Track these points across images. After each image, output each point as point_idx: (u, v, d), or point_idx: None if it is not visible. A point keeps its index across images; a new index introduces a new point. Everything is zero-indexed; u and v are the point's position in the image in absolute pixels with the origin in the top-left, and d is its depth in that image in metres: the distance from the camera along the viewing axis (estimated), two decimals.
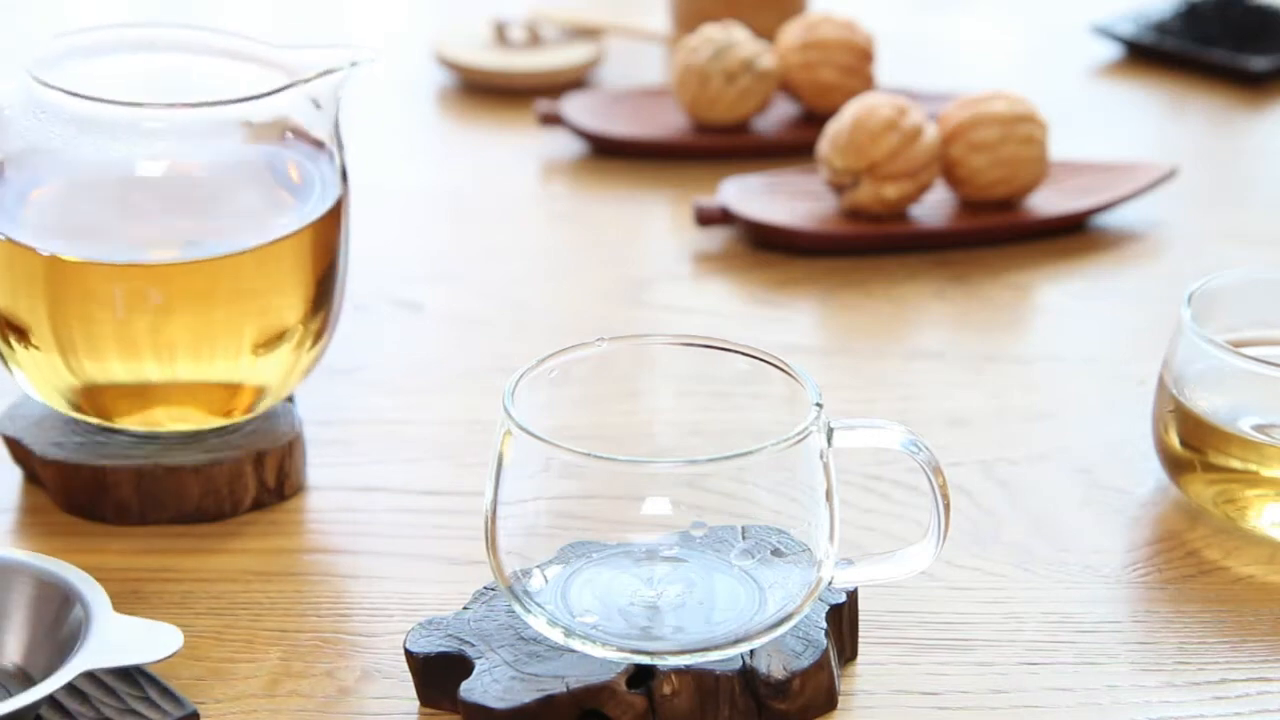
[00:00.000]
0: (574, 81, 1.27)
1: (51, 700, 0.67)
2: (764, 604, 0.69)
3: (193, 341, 0.78)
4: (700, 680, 0.67)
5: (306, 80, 0.78)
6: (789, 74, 1.19)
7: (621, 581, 0.70)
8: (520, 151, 1.19)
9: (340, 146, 0.81)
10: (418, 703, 0.70)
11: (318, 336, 0.82)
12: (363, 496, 0.83)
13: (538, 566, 0.69)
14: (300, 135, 0.80)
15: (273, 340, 0.80)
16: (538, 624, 0.68)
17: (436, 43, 1.29)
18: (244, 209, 0.79)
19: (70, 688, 0.67)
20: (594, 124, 1.18)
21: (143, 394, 0.80)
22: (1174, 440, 0.80)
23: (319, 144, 0.80)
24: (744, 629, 0.67)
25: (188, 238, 0.79)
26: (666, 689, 0.67)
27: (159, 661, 0.65)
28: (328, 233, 0.80)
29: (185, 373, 0.79)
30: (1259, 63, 1.28)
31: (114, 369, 0.78)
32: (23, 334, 0.78)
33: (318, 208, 0.80)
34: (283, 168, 0.80)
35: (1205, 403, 0.79)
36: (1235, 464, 0.79)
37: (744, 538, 0.71)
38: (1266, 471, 0.78)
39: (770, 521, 0.70)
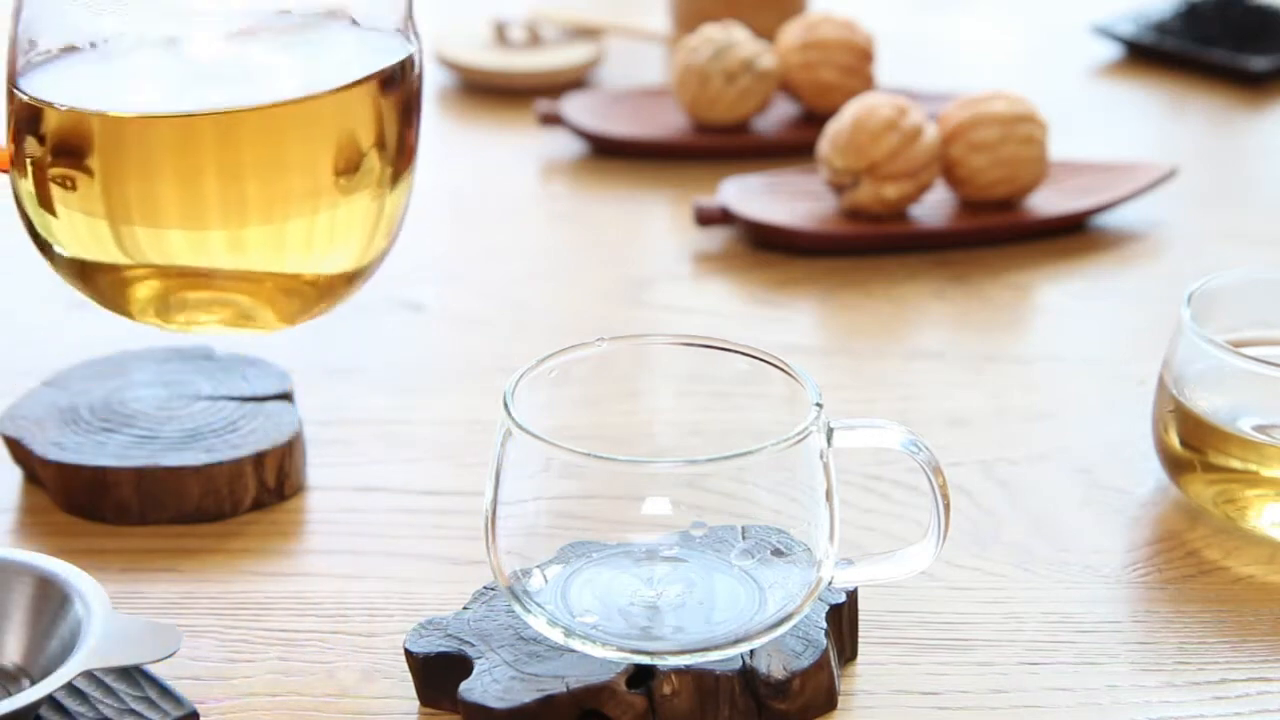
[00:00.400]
0: (574, 81, 1.27)
1: (51, 700, 0.67)
2: (764, 604, 0.69)
3: (265, 179, 0.76)
4: (700, 680, 0.67)
5: None
6: (789, 74, 1.19)
7: (621, 581, 0.70)
8: (520, 151, 1.19)
9: (416, 36, 0.80)
10: (418, 703, 0.70)
11: (395, 179, 0.79)
12: (363, 496, 0.83)
13: (538, 566, 0.69)
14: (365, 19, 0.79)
15: (350, 169, 0.77)
16: (538, 624, 0.68)
17: (436, 42, 1.29)
18: (309, 66, 0.79)
19: (70, 687, 0.67)
20: (594, 124, 1.18)
21: (206, 278, 0.78)
22: (1174, 440, 0.80)
23: (388, 28, 0.79)
24: (744, 629, 0.67)
25: (249, 89, 0.78)
26: (666, 689, 0.67)
27: (159, 661, 0.65)
28: (404, 88, 0.79)
29: (254, 235, 0.77)
30: (1259, 63, 1.28)
31: (174, 236, 0.76)
32: (71, 194, 0.76)
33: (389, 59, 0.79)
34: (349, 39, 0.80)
35: (1205, 403, 0.79)
36: (1235, 464, 0.79)
37: (744, 538, 0.71)
38: (1266, 471, 0.78)
39: (770, 521, 0.70)
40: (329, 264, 0.80)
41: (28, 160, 0.77)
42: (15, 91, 0.76)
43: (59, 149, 0.76)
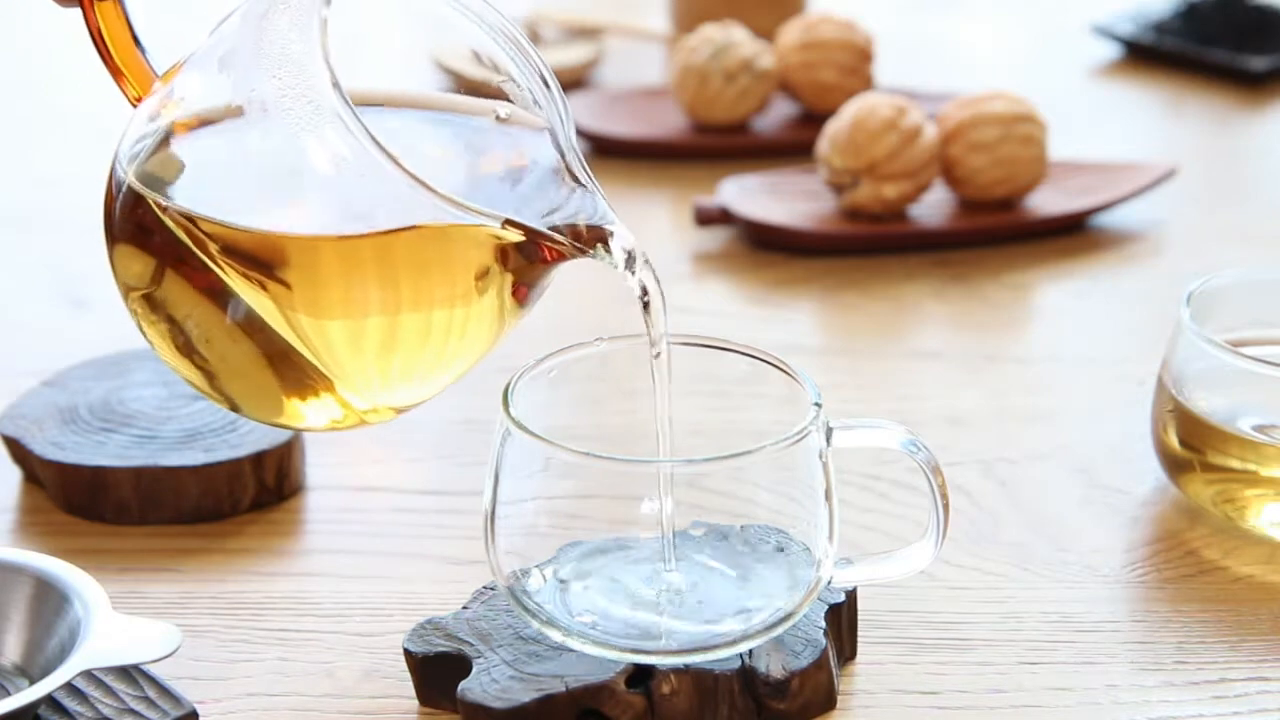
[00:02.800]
0: (574, 81, 1.27)
1: (51, 699, 0.67)
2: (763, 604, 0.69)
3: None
4: (699, 680, 0.67)
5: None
6: (788, 74, 1.19)
7: (621, 581, 0.70)
8: None
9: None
10: (417, 702, 0.70)
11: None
12: (362, 496, 0.83)
13: (537, 566, 0.69)
14: None
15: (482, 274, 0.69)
16: (537, 623, 0.68)
17: (433, 46, 1.29)
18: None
19: (69, 687, 0.67)
20: (594, 124, 1.18)
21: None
22: (1173, 440, 0.80)
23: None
24: (743, 629, 0.67)
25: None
26: (665, 689, 0.67)
27: (158, 661, 0.65)
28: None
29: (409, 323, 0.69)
30: (1259, 63, 1.28)
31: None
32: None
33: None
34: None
35: (1204, 402, 0.79)
36: (1234, 464, 0.79)
37: (744, 537, 0.71)
38: (1265, 471, 0.78)
39: (770, 521, 0.70)
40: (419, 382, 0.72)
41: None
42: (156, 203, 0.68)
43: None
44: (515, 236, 0.68)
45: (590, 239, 0.70)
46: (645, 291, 0.70)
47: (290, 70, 0.66)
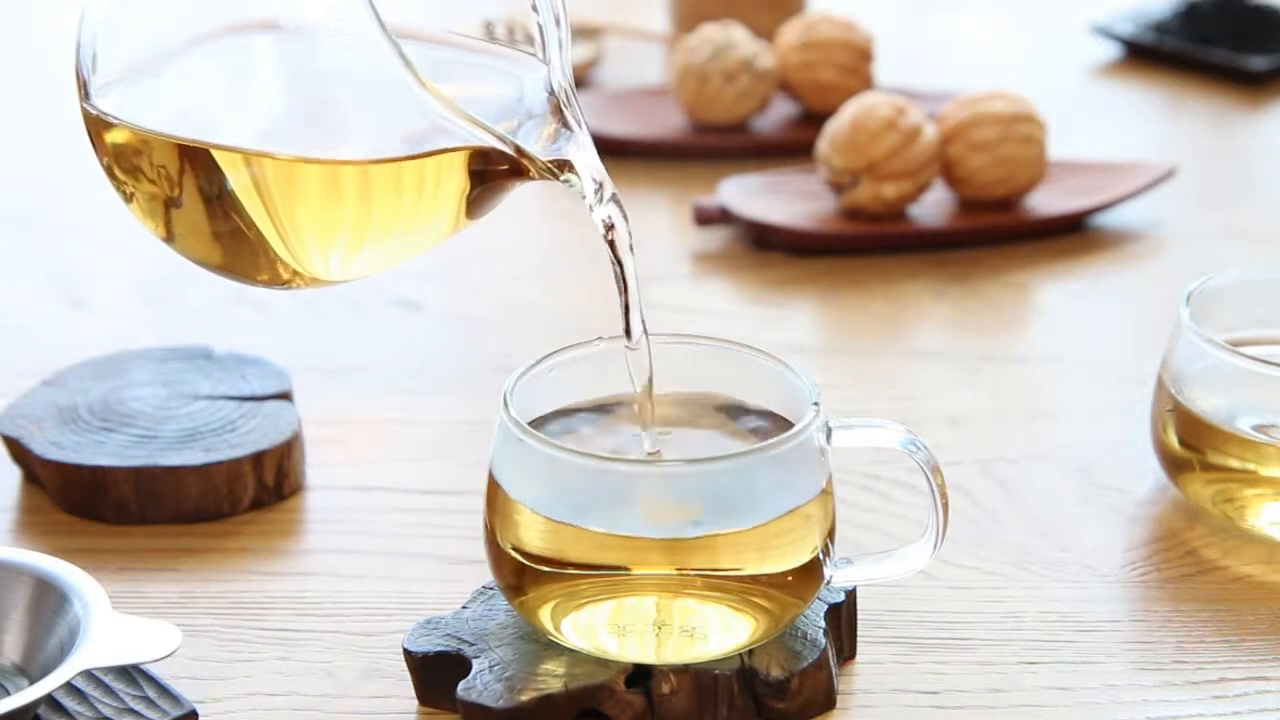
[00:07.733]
0: (574, 81, 1.27)
1: (50, 699, 0.67)
2: None
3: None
4: (699, 679, 0.67)
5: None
6: (788, 74, 1.19)
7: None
8: None
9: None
10: (417, 702, 0.70)
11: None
12: (362, 496, 0.83)
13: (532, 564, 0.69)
14: None
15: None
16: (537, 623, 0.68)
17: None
18: None
19: (69, 687, 0.67)
20: (594, 124, 1.17)
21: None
22: (1173, 440, 0.80)
23: None
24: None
25: None
26: (665, 688, 0.67)
27: (158, 661, 0.65)
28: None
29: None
30: (1258, 62, 1.29)
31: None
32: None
33: None
34: None
35: (1204, 402, 0.79)
36: (1234, 463, 0.79)
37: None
38: (1265, 471, 0.78)
39: (769, 521, 0.70)
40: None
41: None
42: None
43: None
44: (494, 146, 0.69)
45: (558, 163, 0.72)
46: (611, 228, 0.70)
47: None
